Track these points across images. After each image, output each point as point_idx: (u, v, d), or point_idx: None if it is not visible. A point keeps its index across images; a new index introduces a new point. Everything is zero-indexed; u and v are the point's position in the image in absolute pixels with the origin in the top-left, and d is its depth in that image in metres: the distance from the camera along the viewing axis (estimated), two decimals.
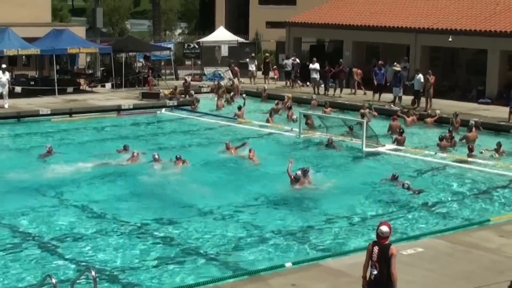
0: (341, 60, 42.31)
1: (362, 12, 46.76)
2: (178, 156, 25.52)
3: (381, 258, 11.86)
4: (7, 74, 36.18)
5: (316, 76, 42.24)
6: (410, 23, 42.74)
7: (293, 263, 15.62)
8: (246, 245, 17.68)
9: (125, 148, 27.00)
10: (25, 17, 44.98)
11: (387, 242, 12.02)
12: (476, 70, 41.33)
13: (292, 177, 22.46)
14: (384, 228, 12.02)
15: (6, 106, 35.27)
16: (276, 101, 38.30)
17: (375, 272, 11.87)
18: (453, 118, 32.50)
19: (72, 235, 18.33)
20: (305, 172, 22.71)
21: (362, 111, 34.33)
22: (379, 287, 11.89)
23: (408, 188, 22.37)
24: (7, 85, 36.01)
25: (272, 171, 24.80)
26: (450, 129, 30.67)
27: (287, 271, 15.07)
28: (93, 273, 12.34)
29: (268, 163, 26.26)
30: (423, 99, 36.60)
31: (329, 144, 28.93)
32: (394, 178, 23.40)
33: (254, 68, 46.31)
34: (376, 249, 11.95)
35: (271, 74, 46.84)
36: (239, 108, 35.45)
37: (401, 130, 30.07)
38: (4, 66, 36.42)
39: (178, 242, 17.94)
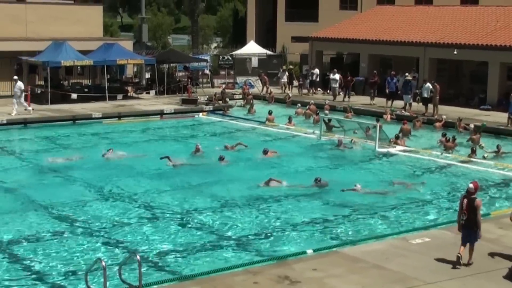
0: (375, 71, 41.96)
1: (377, 28, 46.63)
2: (221, 156, 25.66)
3: (468, 207, 14.16)
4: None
5: (335, 85, 42.21)
6: (419, 38, 42.55)
7: (314, 250, 15.60)
8: (273, 234, 17.68)
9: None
10: (80, 33, 45.27)
11: (473, 196, 14.23)
12: (478, 79, 40.96)
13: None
14: (471, 185, 14.40)
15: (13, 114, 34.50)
16: (298, 105, 38.76)
17: (464, 218, 14.21)
18: (457, 122, 32.50)
19: (119, 223, 18.45)
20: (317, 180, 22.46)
21: (385, 116, 34.24)
22: (468, 229, 14.25)
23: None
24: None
25: (295, 168, 24.83)
26: (451, 135, 30.29)
27: (309, 257, 15.05)
28: (138, 257, 12.38)
29: (291, 161, 26.29)
30: (430, 105, 36.42)
31: (339, 144, 28.96)
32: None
33: (285, 79, 46.11)
34: (465, 200, 14.25)
35: (294, 83, 46.75)
36: (270, 112, 35.41)
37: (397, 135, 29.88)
38: (16, 77, 35.89)
39: (212, 230, 17.98)
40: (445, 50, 40.50)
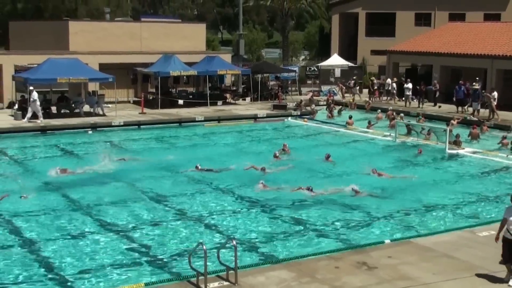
0: (435, 81, 40.98)
1: (448, 42, 45.68)
2: (327, 154, 25.52)
3: None
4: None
5: (408, 93, 41.53)
6: (487, 51, 41.43)
7: (391, 240, 15.42)
8: (353, 225, 17.56)
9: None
10: (186, 47, 46.05)
11: None
12: None
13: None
14: None
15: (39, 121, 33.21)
16: (378, 111, 38.52)
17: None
18: None
19: (218, 212, 18.66)
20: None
21: (453, 121, 33.54)
22: None
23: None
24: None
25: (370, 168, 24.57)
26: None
27: (385, 246, 14.86)
28: (234, 242, 12.49)
29: (366, 160, 25.88)
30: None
31: (419, 152, 28.17)
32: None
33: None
34: None
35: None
36: (350, 117, 35.20)
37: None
38: (31, 88, 32.97)
39: (300, 221, 17.94)
40: (511, 62, 39.35)
